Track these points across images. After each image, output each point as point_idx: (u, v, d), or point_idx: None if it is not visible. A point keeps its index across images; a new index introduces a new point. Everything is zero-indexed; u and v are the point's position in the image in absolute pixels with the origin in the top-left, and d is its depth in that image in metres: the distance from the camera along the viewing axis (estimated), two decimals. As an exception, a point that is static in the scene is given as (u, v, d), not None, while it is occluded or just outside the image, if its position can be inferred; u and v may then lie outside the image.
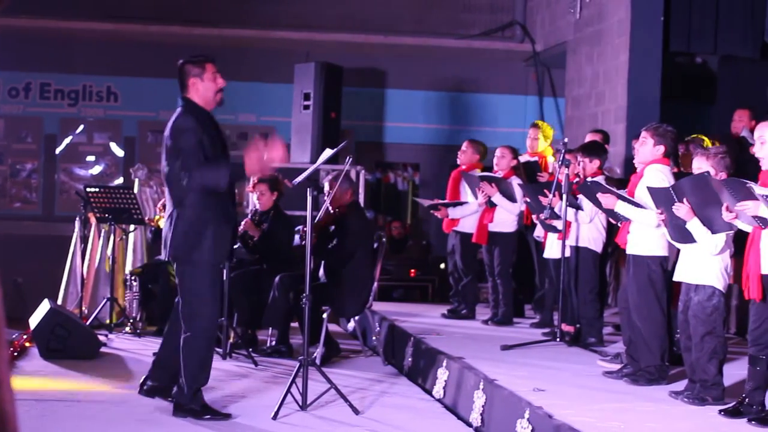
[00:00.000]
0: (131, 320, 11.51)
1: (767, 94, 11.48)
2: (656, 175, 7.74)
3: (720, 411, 6.76)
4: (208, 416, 7.51)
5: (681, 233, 7.14)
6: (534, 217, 10.24)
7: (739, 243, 6.96)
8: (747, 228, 6.61)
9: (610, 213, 8.36)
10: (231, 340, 10.02)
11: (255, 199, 10.85)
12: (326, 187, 9.82)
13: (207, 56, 7.64)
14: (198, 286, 7.42)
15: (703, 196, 6.87)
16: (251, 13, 17.11)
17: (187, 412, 7.47)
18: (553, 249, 9.99)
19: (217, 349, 9.91)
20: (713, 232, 6.94)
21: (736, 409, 6.68)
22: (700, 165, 7.12)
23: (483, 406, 7.41)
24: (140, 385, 7.87)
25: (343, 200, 9.94)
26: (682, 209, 7.02)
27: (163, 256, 7.80)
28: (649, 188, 7.46)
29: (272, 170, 7.84)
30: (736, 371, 7.61)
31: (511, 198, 10.99)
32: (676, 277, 7.36)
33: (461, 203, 11.49)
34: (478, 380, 7.66)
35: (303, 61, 15.20)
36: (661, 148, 7.85)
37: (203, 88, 7.53)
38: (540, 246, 10.70)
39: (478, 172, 11.46)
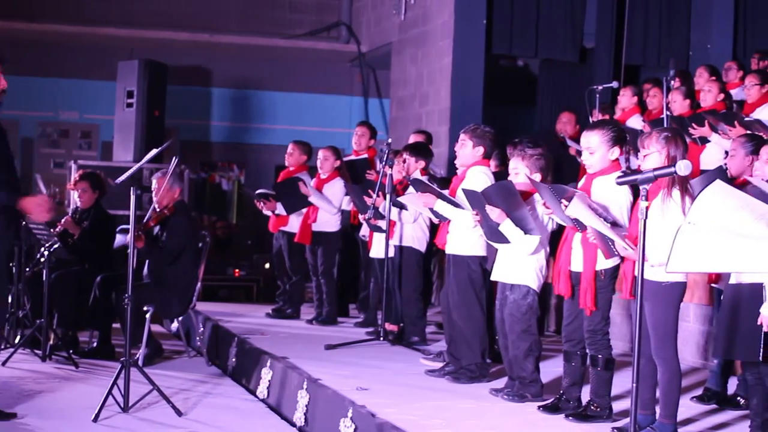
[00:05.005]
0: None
1: (586, 97, 11.77)
2: (477, 176, 7.85)
3: (539, 407, 6.91)
4: None
5: (496, 233, 7.24)
6: (360, 216, 10.29)
7: (555, 244, 7.11)
8: (561, 221, 6.74)
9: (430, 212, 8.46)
10: (51, 342, 9.80)
11: (76, 197, 10.66)
12: (154, 185, 9.71)
13: None
14: None
15: (510, 200, 7.01)
16: (74, 8, 16.82)
17: None
18: (378, 248, 10.05)
19: (37, 351, 9.74)
20: (526, 233, 7.09)
21: (554, 405, 6.84)
22: (516, 165, 7.25)
23: (307, 406, 7.43)
24: None
25: (172, 199, 9.83)
26: (494, 212, 7.14)
27: None
28: (463, 190, 7.57)
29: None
30: (554, 368, 7.80)
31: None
32: (493, 277, 7.47)
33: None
34: (302, 380, 7.68)
35: (127, 58, 14.99)
36: (481, 150, 7.96)
37: None
38: (366, 245, 10.75)
39: (305, 173, 11.41)
